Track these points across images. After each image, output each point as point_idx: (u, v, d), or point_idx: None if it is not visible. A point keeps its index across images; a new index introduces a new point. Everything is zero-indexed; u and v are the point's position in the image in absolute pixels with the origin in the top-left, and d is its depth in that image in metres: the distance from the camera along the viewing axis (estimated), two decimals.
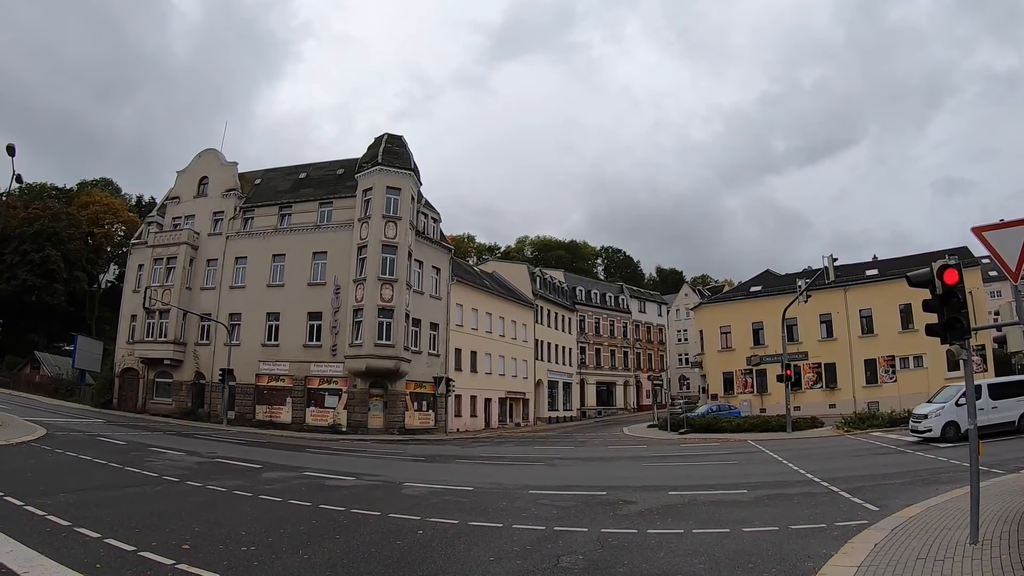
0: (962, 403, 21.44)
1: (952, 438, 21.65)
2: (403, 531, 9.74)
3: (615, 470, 20.50)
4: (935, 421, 22.57)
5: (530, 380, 55.43)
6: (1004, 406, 22.43)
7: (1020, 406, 22.67)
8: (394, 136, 40.68)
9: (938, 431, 22.24)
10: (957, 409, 21.94)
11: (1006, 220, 8.36)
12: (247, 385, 39.27)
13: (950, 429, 22.06)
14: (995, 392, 22.86)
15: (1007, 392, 23.07)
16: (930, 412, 23.09)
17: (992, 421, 21.73)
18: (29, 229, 61.29)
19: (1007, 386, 23.78)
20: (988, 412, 21.78)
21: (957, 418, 21.85)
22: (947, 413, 22.39)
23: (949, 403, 22.65)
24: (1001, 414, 22.27)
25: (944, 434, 22.08)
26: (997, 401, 22.46)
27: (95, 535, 8.49)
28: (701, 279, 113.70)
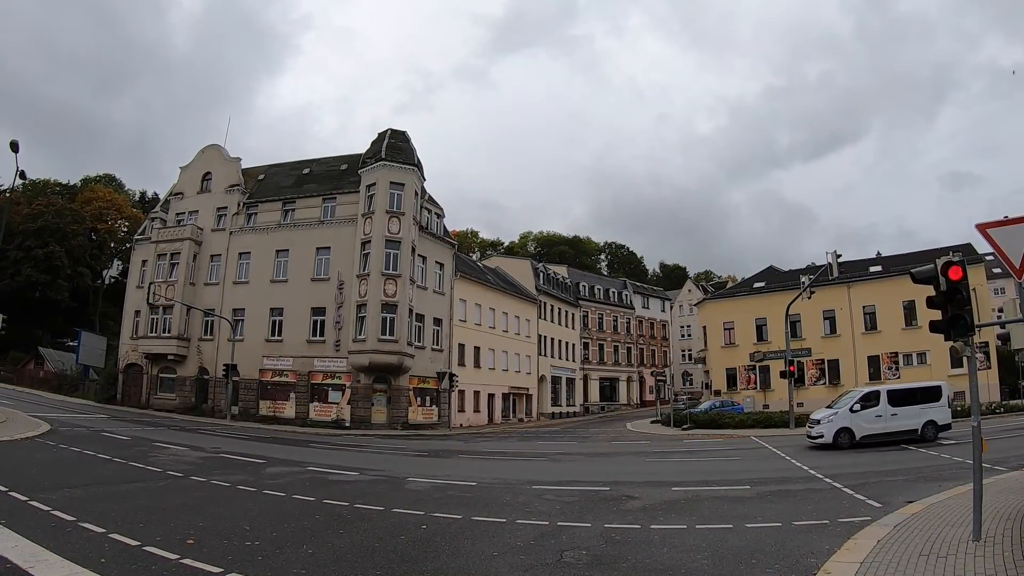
0: (856, 409, 21.55)
1: (845, 445, 21.12)
2: (407, 526, 9.76)
3: (618, 465, 20.53)
4: (827, 427, 21.79)
5: (533, 375, 55.47)
6: (905, 414, 21.85)
7: (924, 414, 21.95)
8: (397, 131, 40.66)
9: (830, 438, 21.48)
10: (851, 416, 21.56)
11: (1011, 217, 8.34)
12: (251, 380, 39.35)
13: (843, 436, 21.42)
14: (895, 399, 22.21)
15: (907, 399, 22.36)
16: (823, 418, 22.30)
17: (892, 429, 21.51)
18: (33, 225, 61.44)
19: (907, 393, 23.06)
20: (887, 420, 21.56)
21: (851, 425, 21.46)
22: (839, 420, 21.74)
23: (842, 409, 22.07)
24: (901, 422, 21.71)
25: (836, 441, 21.38)
26: (897, 408, 21.87)
27: (100, 530, 8.53)
28: (704, 275, 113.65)
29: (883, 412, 21.57)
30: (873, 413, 21.64)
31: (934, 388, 23.17)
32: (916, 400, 22.22)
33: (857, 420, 21.55)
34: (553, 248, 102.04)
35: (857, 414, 21.60)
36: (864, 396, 22.36)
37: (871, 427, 21.50)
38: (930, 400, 22.35)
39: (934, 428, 21.81)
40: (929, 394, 22.66)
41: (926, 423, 21.77)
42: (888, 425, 21.46)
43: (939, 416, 22.09)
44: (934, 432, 21.73)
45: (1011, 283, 47.19)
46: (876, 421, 21.58)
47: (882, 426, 21.51)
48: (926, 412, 21.95)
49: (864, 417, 21.61)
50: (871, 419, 21.58)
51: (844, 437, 21.36)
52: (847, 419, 21.61)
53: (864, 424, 21.50)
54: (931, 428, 21.76)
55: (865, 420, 21.58)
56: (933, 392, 22.81)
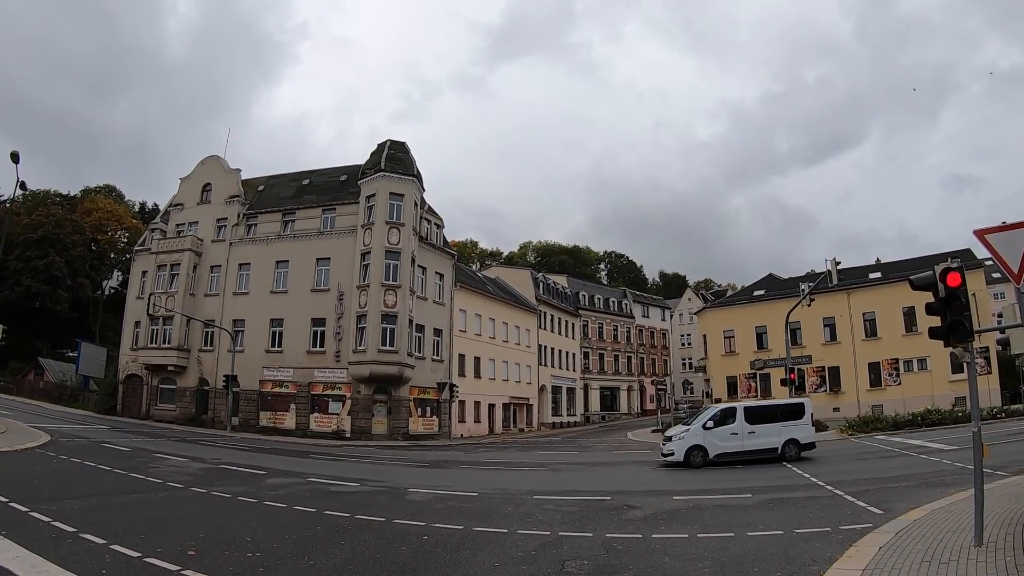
0: (709, 427, 20.67)
1: (698, 464, 20.12)
2: (408, 537, 9.75)
3: (619, 475, 20.51)
4: (678, 445, 20.71)
5: (534, 385, 55.40)
6: (763, 432, 20.93)
7: (784, 432, 21.05)
8: (397, 142, 40.79)
9: (681, 455, 20.39)
10: (704, 433, 20.63)
11: (1008, 222, 8.38)
12: (251, 391, 39.31)
13: (695, 454, 20.37)
14: (752, 416, 21.29)
15: (767, 417, 21.47)
16: (675, 435, 21.28)
17: (749, 447, 20.70)
18: (33, 235, 61.48)
19: (767, 410, 22.35)
20: (744, 438, 20.75)
21: (704, 443, 20.51)
22: (691, 437, 20.68)
23: (695, 426, 21.11)
24: (759, 440, 20.84)
25: (688, 459, 20.27)
26: (755, 426, 20.96)
27: (100, 541, 8.51)
28: (704, 283, 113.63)
29: (739, 430, 20.76)
30: (729, 431, 20.81)
31: (796, 405, 22.44)
32: (776, 418, 21.40)
33: (711, 438, 20.65)
34: (553, 258, 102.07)
35: (711, 431, 20.71)
36: (720, 413, 21.48)
37: (726, 445, 20.64)
38: (792, 418, 21.50)
39: (796, 447, 20.97)
40: (791, 411, 21.85)
41: (787, 441, 20.92)
42: (745, 443, 20.66)
43: (801, 434, 21.28)
44: (796, 451, 20.90)
45: (1011, 288, 47.20)
46: (732, 439, 20.74)
47: (738, 444, 20.68)
48: (787, 430, 21.10)
49: (718, 435, 20.74)
50: (726, 437, 20.73)
51: (696, 455, 20.36)
52: (700, 436, 20.65)
53: (718, 442, 20.63)
54: (792, 447, 20.93)
55: (719, 438, 20.70)
56: (795, 409, 22.01)
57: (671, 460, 20.59)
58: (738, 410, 21.45)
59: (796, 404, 22.62)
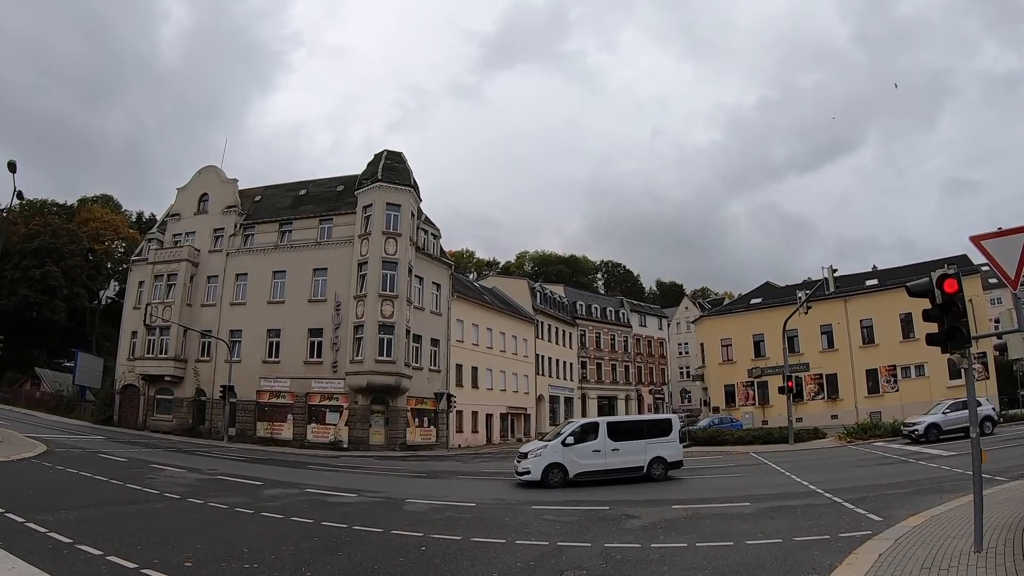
0: (569, 443, 18.93)
1: (556, 484, 18.32)
2: (406, 548, 9.72)
3: (617, 484, 20.45)
4: (535, 462, 18.79)
5: (531, 395, 55.33)
6: (628, 449, 19.39)
7: (650, 449, 19.63)
8: (393, 152, 40.87)
9: (538, 474, 18.51)
10: (563, 449, 18.86)
11: (1005, 228, 8.41)
12: (248, 402, 39.19)
13: (554, 473, 18.55)
14: (616, 432, 19.70)
15: (632, 433, 20.12)
16: (531, 451, 19.47)
17: (612, 466, 19.11)
18: (30, 245, 61.43)
19: (632, 426, 21.37)
20: (607, 455, 19.08)
21: (563, 460, 18.72)
22: (549, 454, 18.90)
23: (554, 442, 19.30)
24: (624, 458, 19.25)
25: (546, 479, 18.43)
26: (619, 443, 19.37)
27: (97, 552, 8.47)
28: (701, 292, 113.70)
29: (602, 446, 19.13)
30: (591, 447, 19.11)
31: (663, 421, 21.50)
32: (642, 434, 20.08)
33: (571, 455, 18.87)
34: (550, 267, 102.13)
35: (571, 448, 18.94)
36: (581, 428, 19.80)
37: (588, 463, 18.89)
38: (658, 434, 20.20)
39: (663, 466, 19.66)
40: (657, 428, 20.67)
41: (653, 460, 19.54)
42: (608, 461, 19.05)
43: (668, 452, 19.97)
44: (662, 470, 19.60)
45: (1007, 293, 47.33)
46: (594, 457, 19.04)
47: (601, 462, 19.00)
48: (653, 447, 19.72)
49: (579, 452, 18.97)
50: (587, 454, 19.00)
51: (555, 474, 18.57)
52: (559, 453, 18.88)
53: (579, 460, 18.86)
54: (659, 466, 19.60)
55: (580, 455, 18.93)
56: (662, 426, 20.85)
57: (527, 479, 18.71)
58: (601, 425, 19.82)
59: (663, 420, 21.86)
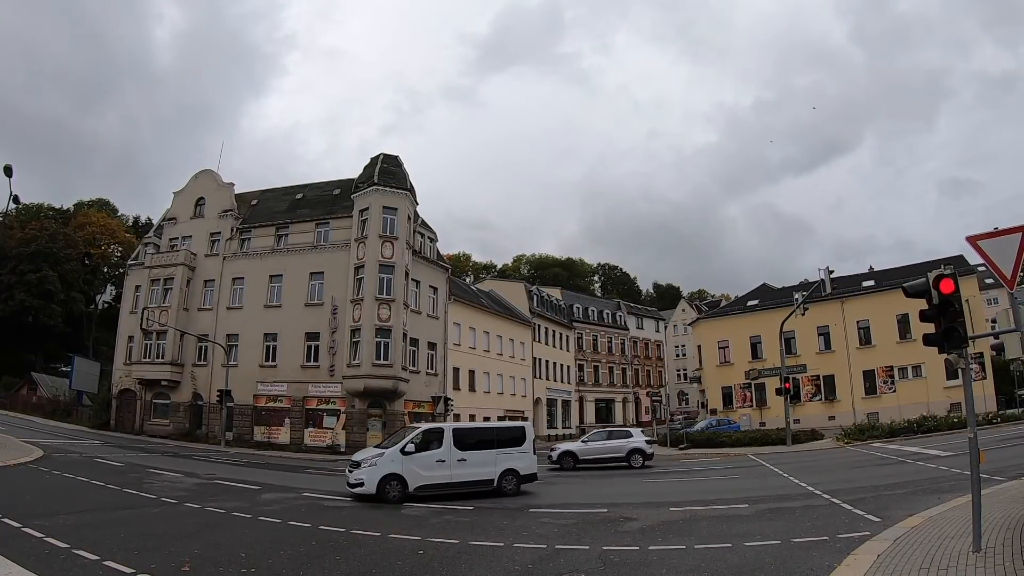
0: (410, 451, 16.79)
1: (394, 498, 16.06)
2: (404, 551, 9.70)
3: (615, 487, 20.45)
4: (369, 473, 16.47)
5: (529, 398, 55.26)
6: (476, 460, 17.53)
7: (502, 460, 17.90)
8: (390, 156, 40.84)
9: (373, 487, 16.20)
10: (403, 459, 16.69)
11: (1001, 228, 8.43)
12: (245, 406, 39.07)
13: (391, 485, 16.33)
14: (463, 441, 17.75)
15: (480, 441, 18.22)
16: (365, 460, 17.11)
17: (459, 478, 17.13)
18: (26, 249, 61.22)
19: (480, 434, 19.63)
20: (452, 466, 17.10)
21: (402, 471, 16.53)
22: (386, 463, 16.66)
23: (391, 450, 17.05)
24: (472, 470, 17.38)
25: (383, 491, 16.17)
26: (466, 452, 17.46)
27: (93, 557, 8.44)
28: (698, 294, 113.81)
29: (447, 456, 17.14)
30: (434, 457, 17.04)
31: (515, 430, 19.68)
32: (492, 444, 18.22)
33: (411, 465, 16.70)
34: (547, 270, 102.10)
35: (412, 457, 16.79)
36: (424, 434, 17.61)
37: (431, 475, 16.80)
38: (511, 444, 18.47)
39: (515, 479, 17.97)
40: (510, 437, 18.89)
41: (505, 472, 17.81)
42: (454, 473, 17.08)
43: (521, 464, 18.23)
44: (515, 484, 17.92)
45: (1004, 293, 47.47)
46: (438, 468, 17.00)
47: (446, 474, 16.99)
48: (505, 459, 17.96)
49: (421, 461, 16.84)
50: (430, 465, 16.91)
51: (393, 487, 16.33)
52: (397, 463, 16.67)
53: (421, 471, 16.70)
54: (511, 478, 17.90)
55: (422, 465, 16.80)
56: (514, 434, 19.12)
57: (360, 492, 16.35)
58: (446, 432, 17.80)
59: (516, 428, 20.01)
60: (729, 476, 21.51)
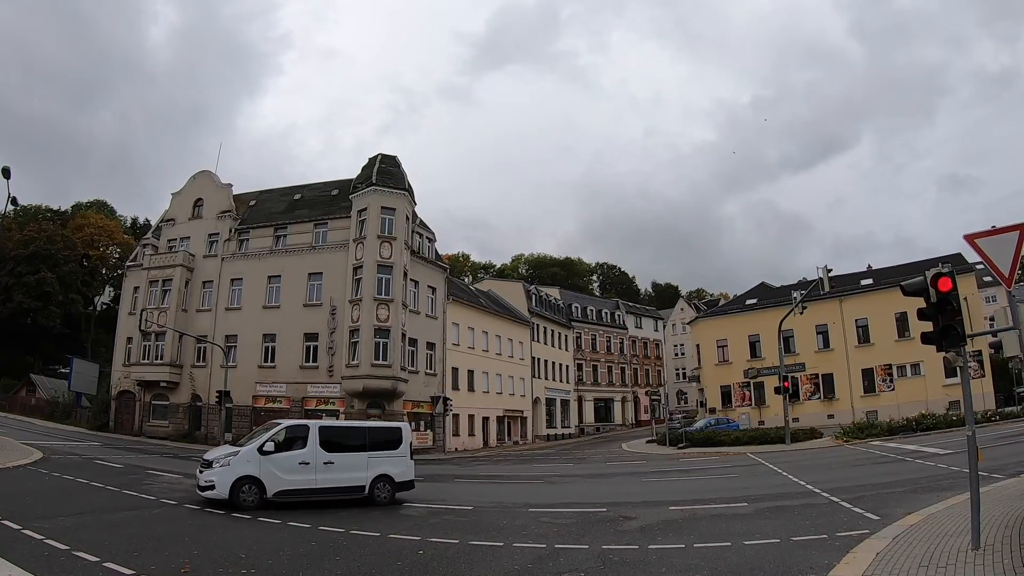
0: (268, 450, 14.59)
1: (250, 504, 13.90)
2: (403, 551, 9.70)
3: (615, 486, 20.46)
4: (221, 474, 14.16)
5: (528, 398, 55.26)
6: (345, 463, 15.47)
7: (375, 464, 15.86)
8: (388, 156, 40.85)
9: (225, 490, 13.93)
10: (261, 459, 14.43)
11: (998, 226, 8.44)
12: (244, 407, 39.04)
13: (246, 490, 14.08)
14: (330, 441, 15.62)
15: (349, 443, 16.12)
16: (217, 459, 14.78)
17: (325, 484, 15.07)
18: (24, 251, 61.17)
19: (350, 434, 17.18)
20: (318, 470, 14.99)
21: (260, 473, 14.29)
22: (240, 464, 14.34)
23: (247, 449, 14.81)
24: (340, 475, 15.31)
25: (236, 496, 13.93)
26: (334, 454, 15.36)
27: (94, 559, 8.43)
28: (697, 293, 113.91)
29: (312, 458, 15.02)
30: (297, 458, 14.92)
31: (391, 431, 17.48)
32: (364, 446, 16.11)
33: (270, 466, 14.51)
34: (545, 270, 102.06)
35: (271, 457, 14.60)
36: (286, 432, 15.36)
37: (292, 479, 14.68)
38: (385, 447, 16.42)
39: (389, 486, 15.93)
40: (384, 439, 16.75)
41: (377, 478, 15.75)
42: (320, 478, 14.99)
43: (396, 469, 16.18)
44: (389, 492, 15.87)
45: (1002, 291, 47.54)
46: (301, 471, 14.86)
47: (309, 479, 14.89)
48: (378, 463, 15.94)
49: (281, 463, 14.67)
50: (292, 467, 14.76)
51: (249, 492, 14.12)
52: (254, 464, 14.43)
53: (281, 474, 14.57)
54: (385, 486, 15.86)
55: (283, 468, 14.64)
56: (389, 436, 16.97)
57: (211, 496, 14.11)
58: (311, 430, 15.57)
59: (391, 429, 17.79)
60: (728, 475, 21.51)
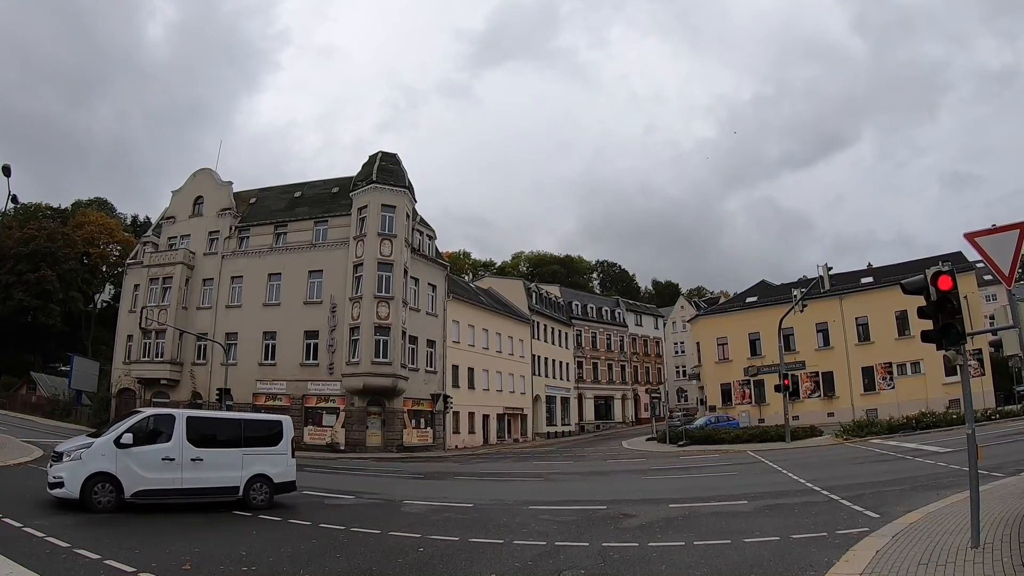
0: (126, 442, 12.59)
1: (106, 505, 12.10)
2: (404, 549, 9.71)
3: (615, 484, 20.48)
4: (71, 469, 12.24)
5: (528, 396, 55.28)
6: (216, 460, 13.56)
7: (251, 462, 14.01)
8: (388, 154, 40.86)
9: (76, 488, 12.02)
10: (117, 453, 12.44)
11: (998, 225, 8.45)
12: (244, 404, 38.88)
13: (100, 488, 12.19)
14: (200, 434, 13.61)
15: (222, 436, 14.21)
16: (68, 451, 12.75)
17: (192, 484, 13.16)
18: (24, 249, 61.13)
19: (223, 426, 14.88)
20: (185, 467, 13.07)
21: (116, 469, 12.34)
22: (93, 458, 12.38)
23: (102, 439, 12.84)
24: (210, 473, 13.37)
25: (88, 495, 12.05)
26: (203, 450, 13.42)
27: (95, 556, 8.43)
28: (697, 291, 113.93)
29: (178, 453, 13.08)
30: (160, 453, 12.97)
31: (269, 424, 15.57)
32: (238, 441, 14.23)
33: (128, 462, 12.53)
34: (545, 268, 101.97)
35: (130, 452, 12.59)
36: (148, 423, 13.34)
37: (155, 478, 12.77)
38: (263, 442, 14.61)
39: (267, 487, 14.13)
40: (261, 433, 14.92)
41: (254, 478, 13.94)
42: (186, 477, 13.07)
43: (275, 469, 14.40)
44: (267, 495, 14.06)
45: (1003, 290, 47.50)
46: (165, 468, 12.92)
47: (175, 477, 12.98)
48: (255, 461, 14.11)
49: (142, 458, 12.70)
50: (155, 464, 12.83)
51: (103, 491, 12.22)
52: (110, 458, 12.43)
53: (142, 471, 12.62)
54: (262, 487, 14.07)
55: (144, 464, 12.70)
56: (268, 430, 15.12)
57: (61, 495, 12.15)
58: (177, 421, 13.55)
59: (271, 423, 15.76)
60: (728, 473, 21.54)
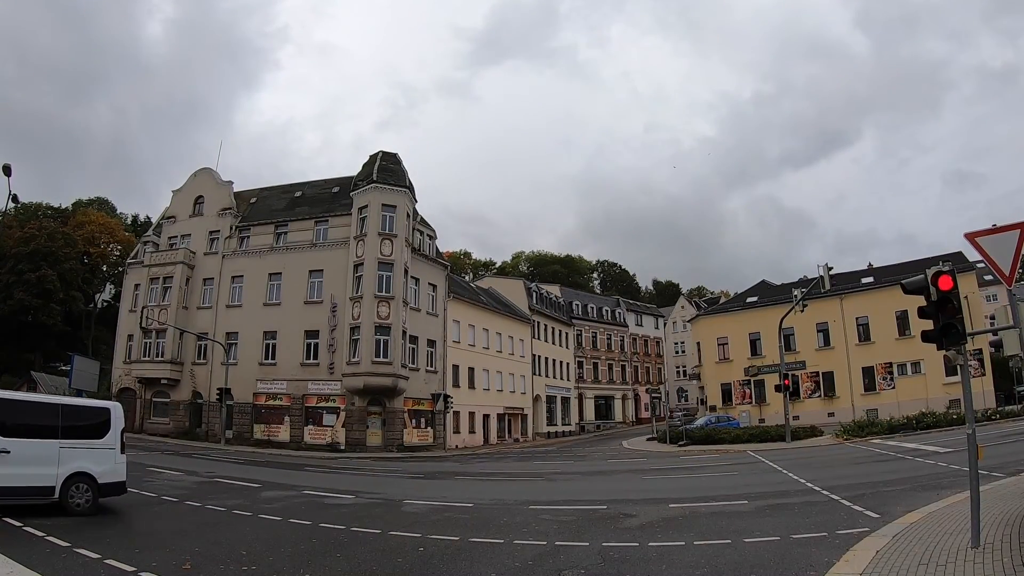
0: None
1: None
2: (404, 548, 9.71)
3: (615, 483, 20.46)
4: None
5: (528, 395, 55.31)
6: (26, 453, 11.29)
7: (70, 457, 11.86)
8: (389, 153, 40.89)
9: None
10: None
11: (999, 225, 8.44)
12: (245, 404, 39.12)
13: None
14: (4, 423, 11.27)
15: (33, 425, 11.80)
16: None
17: None
18: (25, 249, 61.13)
19: (32, 411, 12.37)
20: None
21: None
22: None
23: None
24: (17, 469, 11.09)
25: None
26: (10, 440, 11.15)
27: (95, 556, 8.45)
28: (697, 291, 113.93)
29: None
30: None
31: (94, 412, 13.26)
32: (55, 431, 11.92)
33: None
34: (545, 267, 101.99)
35: None
36: None
37: None
38: (85, 434, 12.40)
39: (90, 489, 12.04)
40: (83, 422, 12.64)
41: (73, 477, 11.83)
42: None
43: (100, 467, 12.26)
44: (90, 497, 12.00)
45: (1003, 289, 47.55)
46: None
47: None
48: (75, 456, 11.94)
49: None
50: None
51: None
52: None
53: None
54: (84, 487, 11.97)
55: None
56: (91, 419, 12.88)
57: None
58: None
59: (96, 410, 13.37)
60: (728, 472, 21.52)
